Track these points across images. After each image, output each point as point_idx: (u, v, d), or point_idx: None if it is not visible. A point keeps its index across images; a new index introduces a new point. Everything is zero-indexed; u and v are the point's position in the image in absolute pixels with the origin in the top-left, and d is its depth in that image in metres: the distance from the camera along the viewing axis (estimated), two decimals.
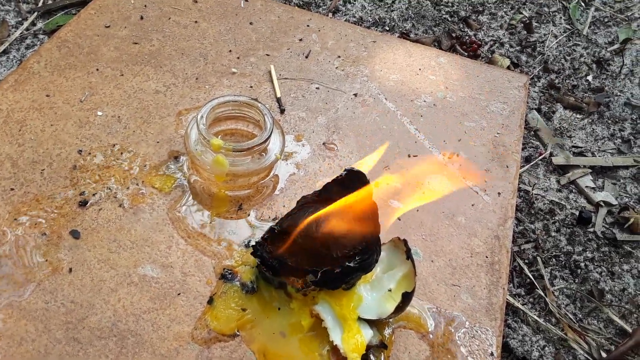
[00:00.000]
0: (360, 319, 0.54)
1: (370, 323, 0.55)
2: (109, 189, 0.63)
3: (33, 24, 0.89)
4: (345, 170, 0.57)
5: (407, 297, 0.52)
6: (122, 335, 0.52)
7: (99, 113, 0.70)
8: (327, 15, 0.99)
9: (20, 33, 0.87)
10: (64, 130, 0.68)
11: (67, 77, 0.74)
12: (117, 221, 0.60)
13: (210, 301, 0.55)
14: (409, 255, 0.55)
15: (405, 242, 0.55)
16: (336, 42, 0.86)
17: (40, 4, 0.92)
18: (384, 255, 0.56)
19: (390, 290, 0.55)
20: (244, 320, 0.54)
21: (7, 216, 0.59)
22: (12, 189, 0.61)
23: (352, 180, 0.55)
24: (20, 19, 0.90)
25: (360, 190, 0.55)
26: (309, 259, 0.52)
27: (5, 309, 0.52)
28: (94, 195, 0.62)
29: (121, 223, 0.60)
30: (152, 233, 0.60)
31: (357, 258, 0.52)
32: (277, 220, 0.63)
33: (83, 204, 0.61)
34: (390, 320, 0.56)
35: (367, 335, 0.53)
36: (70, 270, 0.56)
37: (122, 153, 0.66)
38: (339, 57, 0.84)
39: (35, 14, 0.90)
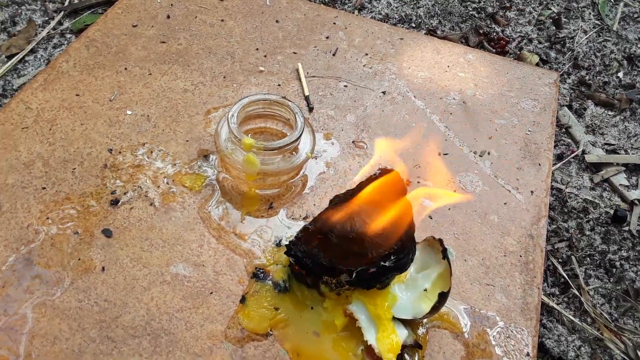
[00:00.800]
0: (394, 318, 0.53)
1: (405, 323, 0.54)
2: (140, 187, 0.63)
3: (60, 23, 0.90)
4: (379, 169, 0.56)
5: (443, 297, 0.51)
6: (156, 334, 0.52)
7: (129, 112, 0.70)
8: (353, 13, 0.98)
9: (48, 32, 0.87)
10: (94, 129, 0.68)
11: (96, 77, 0.74)
12: (148, 220, 0.60)
13: (243, 300, 0.55)
14: (445, 255, 0.54)
15: (441, 241, 0.55)
16: (363, 40, 0.85)
17: (66, 3, 0.93)
18: (418, 255, 0.55)
19: (425, 290, 0.54)
20: (276, 319, 0.54)
21: (40, 215, 0.59)
22: (44, 188, 0.61)
23: (387, 178, 0.55)
24: (47, 18, 0.90)
25: (395, 190, 0.55)
26: (344, 257, 0.52)
27: (38, 307, 0.52)
28: (125, 194, 0.62)
29: (152, 222, 0.60)
30: (183, 232, 0.60)
31: (392, 257, 0.51)
32: (308, 219, 0.63)
33: (115, 202, 0.61)
34: (425, 320, 0.56)
35: (401, 335, 0.53)
36: (103, 268, 0.55)
37: (152, 152, 0.66)
38: (367, 54, 0.83)
39: (62, 13, 0.91)
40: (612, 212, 0.73)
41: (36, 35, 0.87)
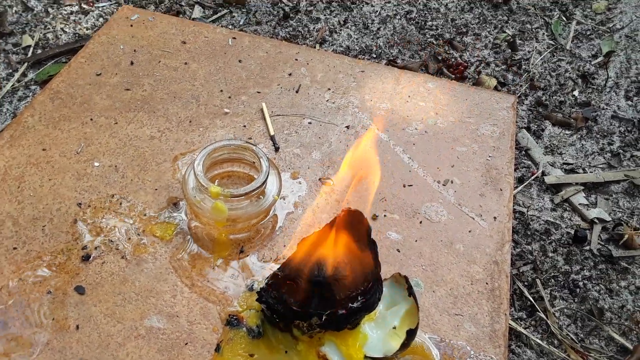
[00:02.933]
0: (366, 357, 0.55)
1: None
2: (111, 241, 0.63)
3: (24, 74, 0.90)
4: (342, 210, 0.58)
5: (411, 334, 0.53)
6: None
7: (96, 164, 0.71)
8: (315, 47, 1.01)
9: (12, 85, 0.88)
10: (62, 183, 0.68)
11: (62, 129, 0.75)
12: (120, 273, 0.61)
13: (218, 349, 0.56)
14: (410, 292, 0.55)
15: (406, 278, 0.56)
16: (325, 74, 0.88)
17: (29, 54, 0.93)
18: (386, 292, 0.57)
19: (394, 328, 0.55)
20: None
21: (12, 276, 0.59)
22: (14, 248, 0.62)
23: (351, 219, 0.56)
24: (10, 71, 0.91)
25: (359, 228, 0.56)
26: (313, 301, 0.53)
27: None
28: (96, 248, 0.63)
29: (125, 275, 0.61)
30: (156, 283, 0.61)
31: (360, 298, 0.53)
32: (279, 260, 0.64)
33: (86, 258, 0.61)
34: (397, 356, 0.57)
35: None
36: (78, 327, 0.56)
37: (121, 203, 0.67)
38: (329, 89, 0.85)
39: (26, 64, 0.91)
40: (572, 232, 0.75)
41: (0, 88, 0.87)
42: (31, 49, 0.94)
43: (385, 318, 0.57)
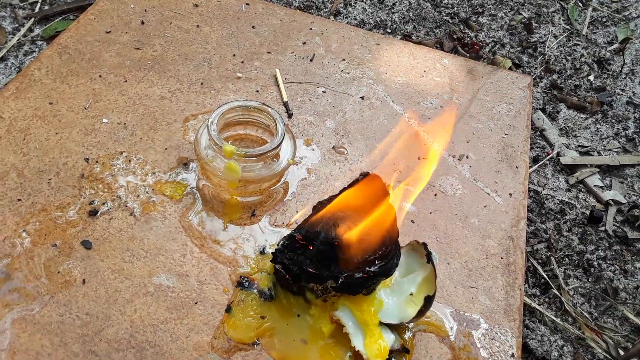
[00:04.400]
0: (381, 323, 0.53)
1: (391, 328, 0.54)
2: (119, 197, 0.61)
3: (30, 30, 0.88)
4: (361, 174, 0.56)
5: (429, 301, 0.52)
6: (141, 347, 0.51)
7: (105, 120, 0.69)
8: (329, 18, 0.99)
9: (18, 39, 0.85)
10: (70, 138, 0.66)
11: (69, 84, 0.72)
12: (129, 230, 0.59)
13: (229, 310, 0.54)
14: (429, 259, 0.54)
15: (425, 245, 0.55)
16: (340, 45, 0.86)
17: (36, 10, 0.90)
18: (402, 260, 0.56)
19: (411, 294, 0.54)
20: (263, 328, 0.53)
21: (16, 227, 0.57)
22: (19, 200, 0.60)
23: (369, 184, 0.55)
24: (17, 25, 0.88)
25: (378, 194, 0.55)
26: (329, 264, 0.51)
27: (18, 322, 0.51)
28: (103, 204, 0.61)
29: (133, 232, 0.59)
30: (165, 241, 0.59)
31: (377, 262, 0.51)
32: (291, 226, 0.62)
33: (93, 213, 0.59)
34: (411, 324, 0.56)
35: (389, 340, 0.53)
36: (84, 281, 0.54)
37: (130, 160, 0.65)
38: (344, 60, 0.83)
39: (32, 20, 0.89)
40: (588, 212, 0.74)
41: (6, 42, 0.85)
42: (38, 4, 0.91)
43: (401, 285, 0.55)
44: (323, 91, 0.78)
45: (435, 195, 0.69)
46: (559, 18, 1.05)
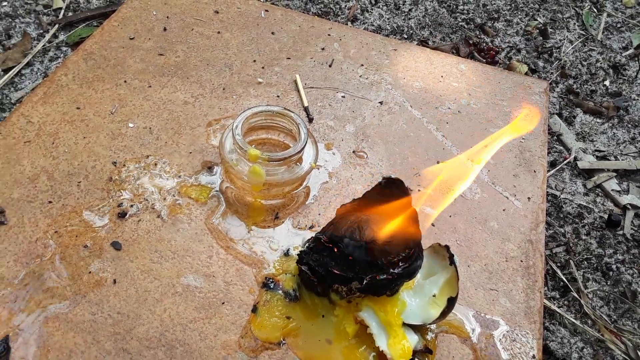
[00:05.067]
0: (404, 324, 0.54)
1: (414, 329, 0.55)
2: (147, 200, 0.63)
3: (55, 36, 0.89)
4: (383, 178, 0.57)
5: (452, 302, 0.53)
6: (171, 345, 0.52)
7: (130, 125, 0.70)
8: (346, 24, 1.00)
9: (43, 45, 0.87)
10: (97, 142, 0.68)
11: (95, 89, 0.74)
12: (156, 232, 0.60)
13: (255, 310, 0.55)
14: (452, 261, 0.55)
15: (447, 248, 0.56)
16: (358, 51, 0.87)
17: (60, 16, 0.92)
18: (424, 262, 0.57)
19: (434, 296, 0.55)
20: (289, 328, 0.54)
21: (47, 229, 0.59)
22: (50, 202, 0.61)
23: (391, 188, 0.56)
24: (41, 31, 0.90)
25: (400, 197, 0.56)
26: (354, 266, 0.52)
27: (51, 321, 0.52)
28: (131, 206, 0.62)
29: (161, 234, 0.60)
30: (192, 243, 0.60)
31: (401, 264, 0.52)
32: (314, 228, 0.63)
33: (122, 215, 0.61)
34: (433, 326, 0.57)
35: (412, 340, 0.54)
36: (115, 281, 0.56)
37: (156, 164, 0.67)
38: (362, 65, 0.85)
39: (57, 26, 0.91)
40: (606, 216, 0.75)
41: (32, 48, 0.87)
42: (62, 11, 0.93)
43: (423, 287, 0.56)
44: (342, 96, 0.79)
45: (455, 199, 0.70)
46: (574, 24, 1.06)
